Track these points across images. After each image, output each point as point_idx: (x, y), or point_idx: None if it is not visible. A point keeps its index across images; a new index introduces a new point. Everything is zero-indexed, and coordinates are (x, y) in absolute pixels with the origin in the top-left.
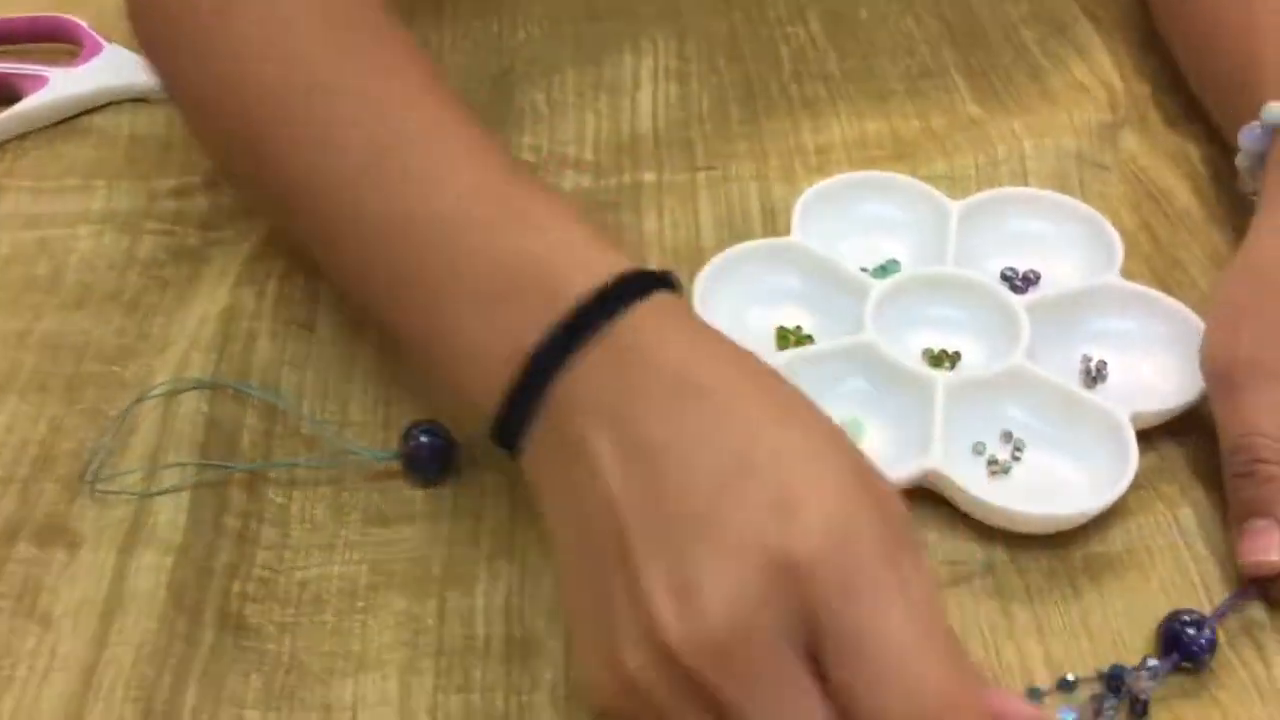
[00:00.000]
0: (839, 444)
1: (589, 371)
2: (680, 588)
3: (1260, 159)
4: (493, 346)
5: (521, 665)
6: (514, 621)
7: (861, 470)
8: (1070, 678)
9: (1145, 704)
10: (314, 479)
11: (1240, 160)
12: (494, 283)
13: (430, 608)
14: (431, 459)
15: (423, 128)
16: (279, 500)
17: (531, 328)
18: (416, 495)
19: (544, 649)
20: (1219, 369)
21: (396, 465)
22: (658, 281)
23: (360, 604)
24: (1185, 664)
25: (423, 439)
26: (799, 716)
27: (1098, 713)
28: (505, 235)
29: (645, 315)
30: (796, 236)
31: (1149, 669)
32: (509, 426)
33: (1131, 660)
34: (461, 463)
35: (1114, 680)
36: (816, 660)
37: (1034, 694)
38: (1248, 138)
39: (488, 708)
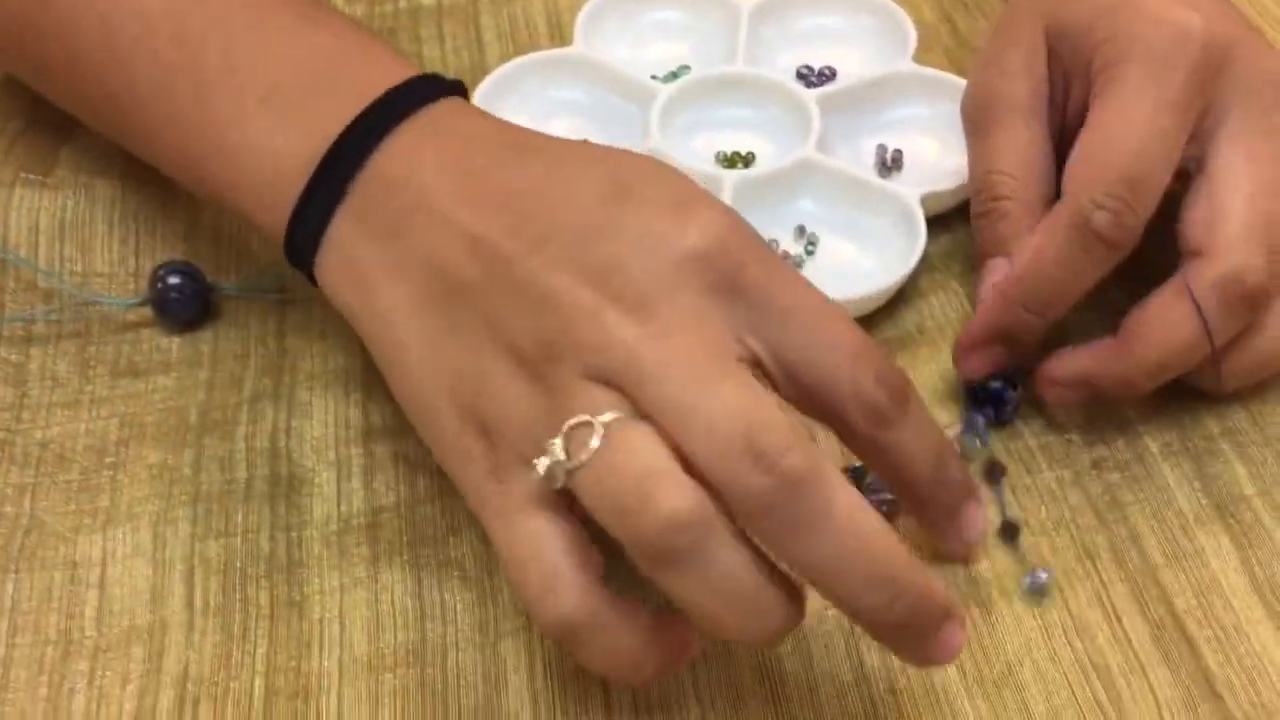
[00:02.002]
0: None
1: (410, 146)
2: (592, 276)
3: None
4: (293, 144)
5: (289, 503)
6: (280, 461)
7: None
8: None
9: (999, 462)
10: (54, 334)
11: None
12: (300, 76)
13: (186, 457)
14: (183, 302)
15: None
16: (14, 359)
17: (335, 120)
18: (172, 343)
19: (314, 484)
20: (969, 111)
21: (148, 313)
22: (453, 88)
23: (109, 460)
24: (996, 418)
25: (171, 280)
26: (747, 397)
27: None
28: (300, 36)
29: (453, 107)
30: (579, 47)
31: (973, 423)
32: (313, 216)
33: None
34: (219, 305)
35: None
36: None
37: (856, 473)
38: None
39: (251, 549)
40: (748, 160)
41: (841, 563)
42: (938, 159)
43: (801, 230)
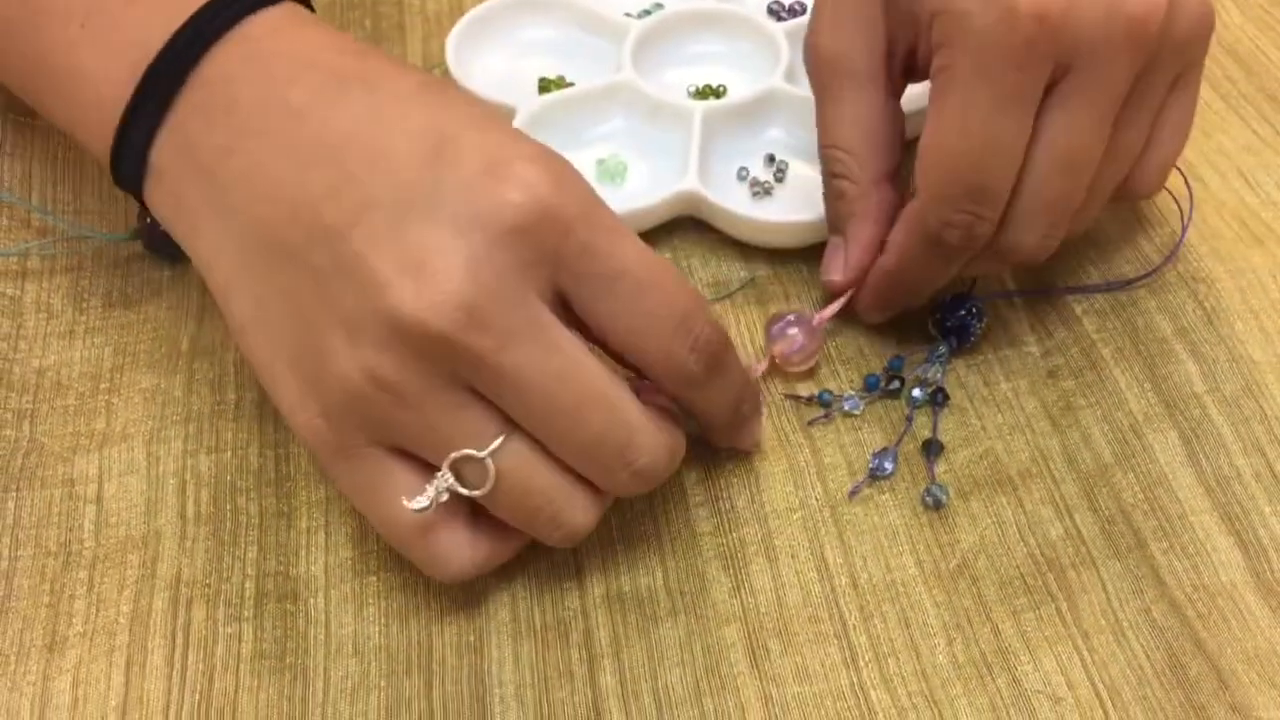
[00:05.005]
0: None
1: (230, 70)
2: (412, 262)
3: None
4: (113, 66)
5: (278, 423)
6: None
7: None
8: (830, 396)
9: (943, 390)
10: (48, 268)
11: None
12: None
13: (178, 381)
14: (170, 236)
15: None
16: (10, 292)
17: (155, 37)
18: (162, 275)
19: None
20: (809, 69)
21: (139, 248)
22: None
23: (104, 385)
24: (959, 344)
25: None
26: (564, 359)
27: (934, 357)
28: None
29: (277, 21)
30: None
31: (936, 351)
32: (135, 142)
33: (904, 351)
34: None
35: (892, 371)
36: (564, 308)
37: (818, 399)
38: None
39: (241, 464)
40: (719, 93)
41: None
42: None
43: (771, 158)
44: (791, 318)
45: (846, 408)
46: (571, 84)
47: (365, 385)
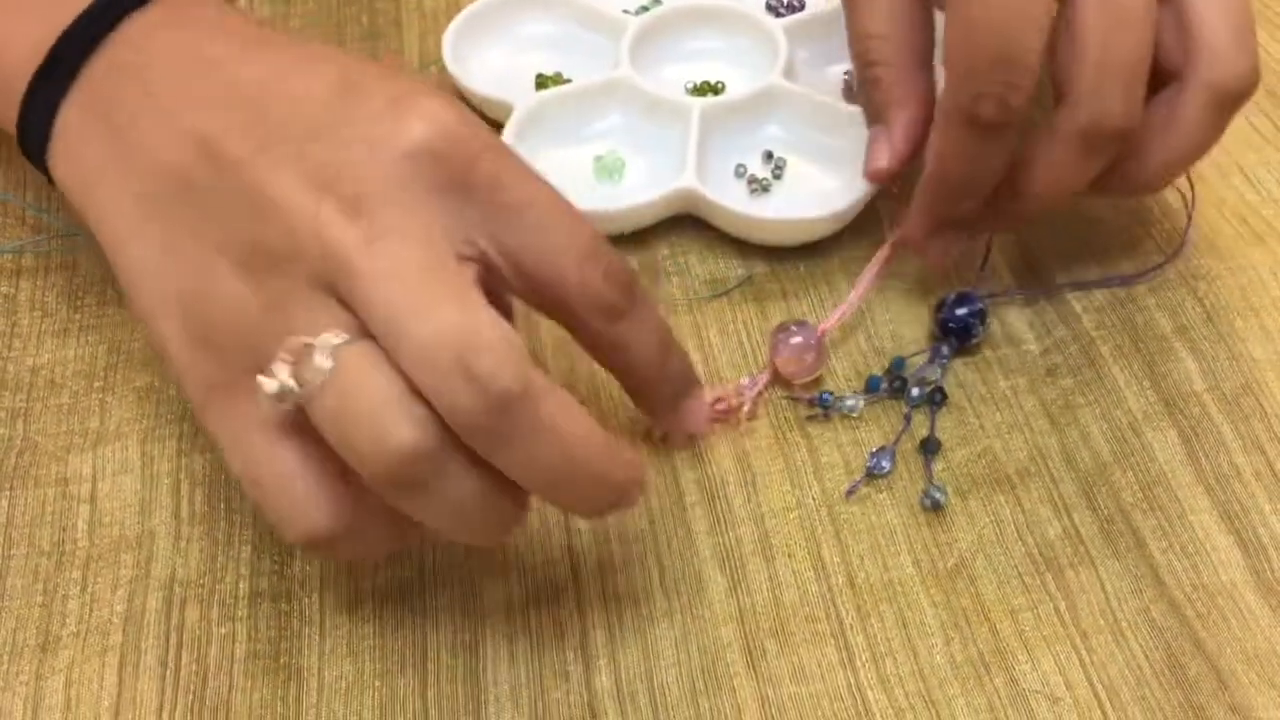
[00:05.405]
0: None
1: (143, 35)
2: (316, 181)
3: None
4: (27, 31)
5: None
6: None
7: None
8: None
9: (941, 390)
10: (43, 266)
11: None
12: None
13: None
14: None
15: None
16: (4, 290)
17: (70, 7)
18: None
19: None
20: None
21: None
22: None
23: (98, 384)
24: (960, 345)
25: None
26: (429, 258)
27: (935, 356)
28: None
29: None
30: None
31: (937, 351)
32: (41, 106)
33: (905, 350)
34: None
35: (895, 373)
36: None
37: (825, 398)
38: None
39: None
40: (717, 89)
41: (554, 474)
42: None
43: (769, 155)
44: (795, 329)
45: (845, 409)
46: (569, 80)
47: (250, 304)
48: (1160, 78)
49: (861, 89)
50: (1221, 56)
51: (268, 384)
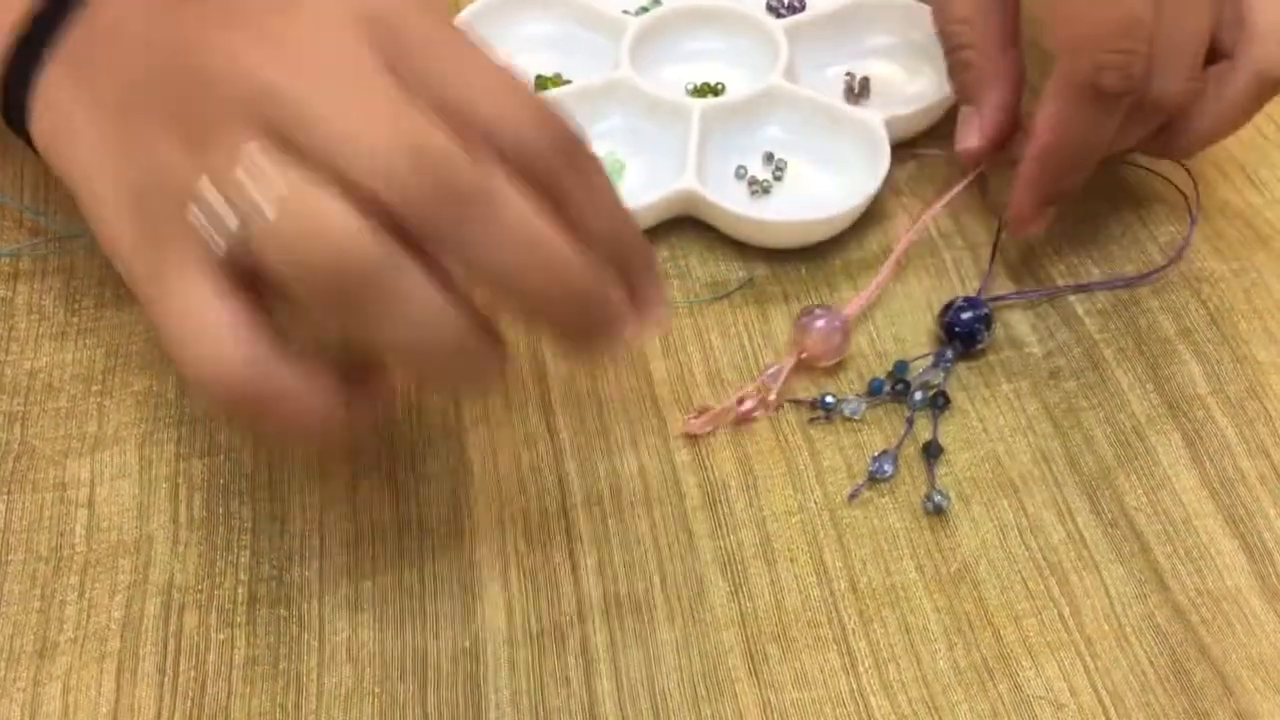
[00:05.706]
0: None
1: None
2: (260, 37)
3: None
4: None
5: None
6: None
7: None
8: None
9: (944, 394)
10: (40, 269)
11: None
12: None
13: (171, 383)
14: None
15: None
16: (2, 294)
17: None
18: None
19: None
20: None
21: None
22: None
23: (96, 387)
24: (964, 350)
25: None
26: (406, 114)
27: (938, 360)
28: None
29: None
30: None
31: (941, 355)
32: (23, 70)
33: (908, 353)
34: None
35: (897, 375)
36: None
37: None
38: None
39: (234, 467)
40: (717, 91)
41: (519, 269)
42: (904, 85)
43: (770, 156)
44: (820, 312)
45: (847, 412)
46: (569, 81)
47: (192, 171)
48: (1213, 54)
49: (951, 72)
50: (1271, 46)
51: (194, 213)
